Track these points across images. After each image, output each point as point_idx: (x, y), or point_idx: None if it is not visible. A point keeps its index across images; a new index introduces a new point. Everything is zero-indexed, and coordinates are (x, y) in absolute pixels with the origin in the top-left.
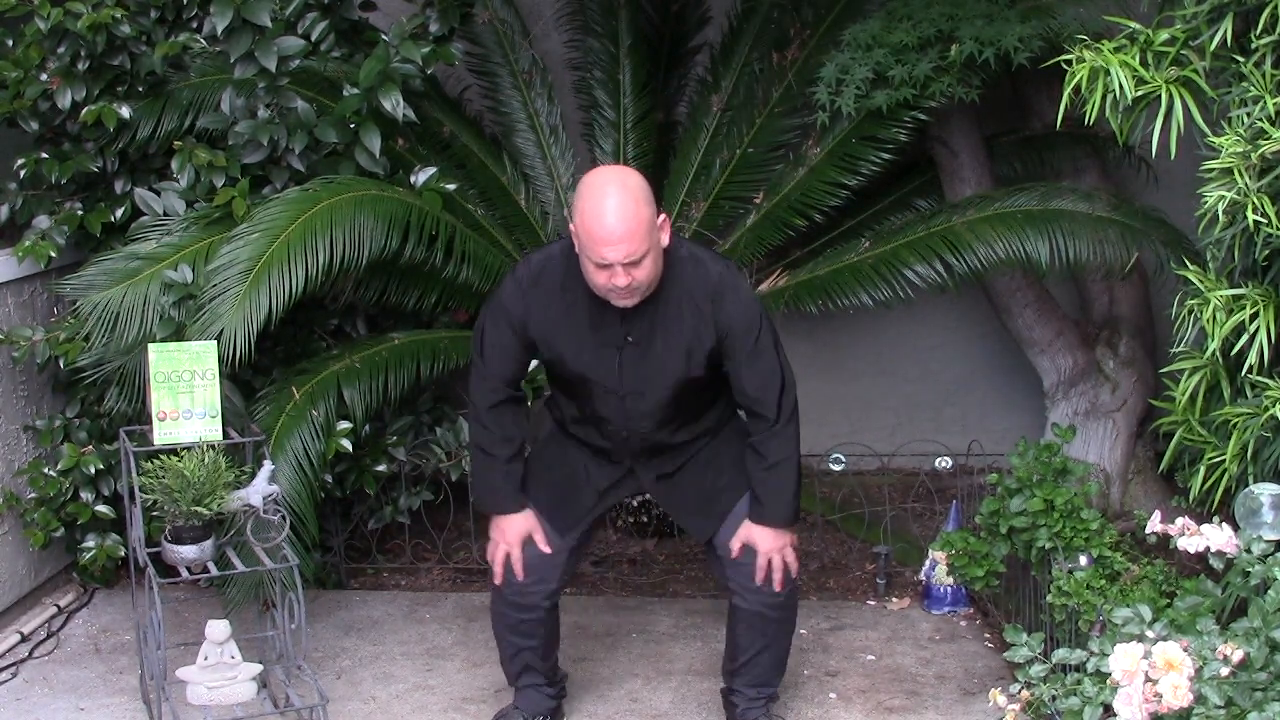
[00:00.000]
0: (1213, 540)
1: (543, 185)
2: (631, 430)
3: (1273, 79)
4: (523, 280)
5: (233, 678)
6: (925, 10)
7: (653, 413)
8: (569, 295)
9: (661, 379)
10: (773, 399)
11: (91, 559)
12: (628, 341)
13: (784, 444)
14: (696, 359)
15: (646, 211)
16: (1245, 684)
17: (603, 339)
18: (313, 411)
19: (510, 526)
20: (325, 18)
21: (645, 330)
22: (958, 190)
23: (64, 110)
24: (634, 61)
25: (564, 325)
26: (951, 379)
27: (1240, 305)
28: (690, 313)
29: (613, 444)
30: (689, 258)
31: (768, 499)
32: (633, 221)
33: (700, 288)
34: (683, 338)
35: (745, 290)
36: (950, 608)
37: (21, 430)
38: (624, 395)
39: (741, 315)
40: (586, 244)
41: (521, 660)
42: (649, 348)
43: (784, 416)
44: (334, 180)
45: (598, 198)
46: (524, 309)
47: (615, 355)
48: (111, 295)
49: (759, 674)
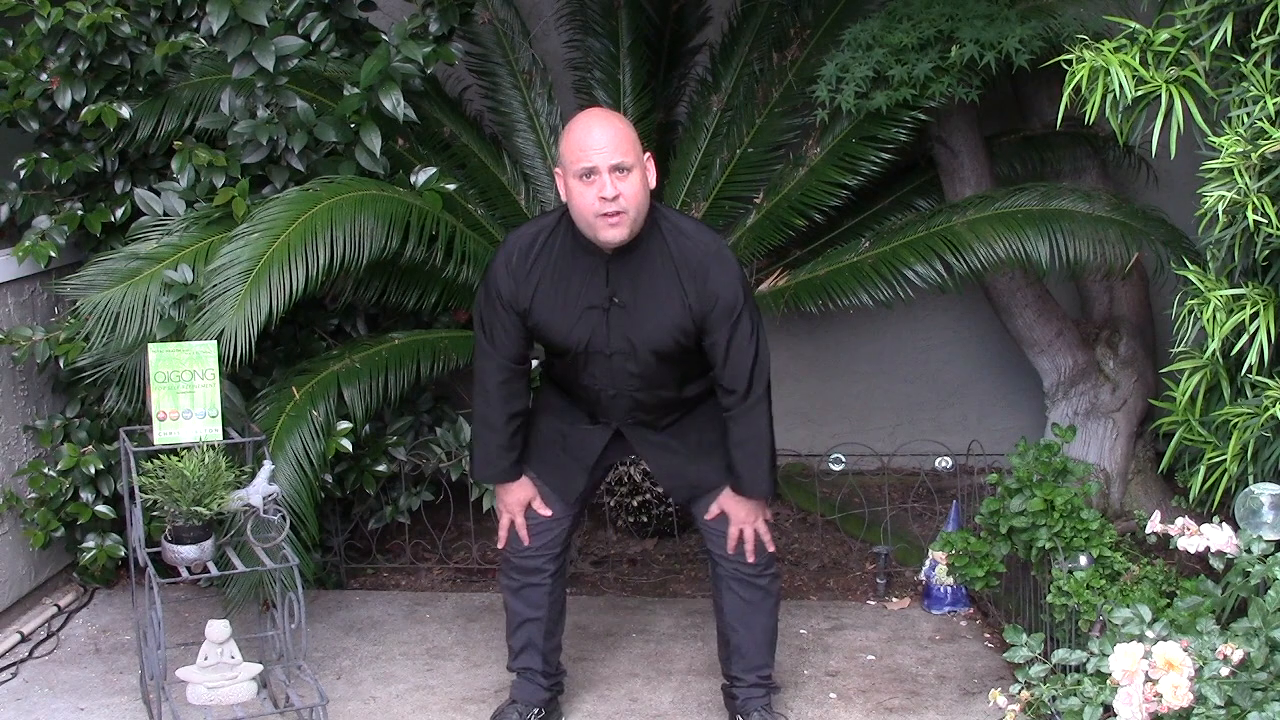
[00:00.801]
0: (1213, 540)
1: (543, 185)
2: (620, 389)
3: (1273, 79)
4: (512, 253)
5: (233, 678)
6: (925, 10)
7: (641, 373)
8: (556, 260)
9: (646, 341)
10: (744, 374)
11: (91, 559)
12: (614, 303)
13: (756, 419)
14: (683, 324)
15: (631, 131)
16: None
17: (589, 300)
18: (313, 411)
19: (510, 496)
20: (325, 17)
21: (629, 292)
22: (958, 190)
23: (64, 110)
24: (634, 61)
25: (551, 290)
26: (951, 379)
27: (1240, 305)
28: (677, 278)
29: (600, 405)
30: (675, 227)
31: (743, 472)
32: (619, 126)
33: (689, 256)
34: (668, 303)
35: (731, 262)
36: (950, 608)
37: (21, 430)
38: (611, 354)
39: (728, 288)
40: (571, 158)
41: (525, 634)
42: (635, 309)
43: (755, 392)
44: (334, 180)
45: (581, 118)
46: (512, 282)
47: (603, 317)
48: (111, 295)
49: (750, 656)
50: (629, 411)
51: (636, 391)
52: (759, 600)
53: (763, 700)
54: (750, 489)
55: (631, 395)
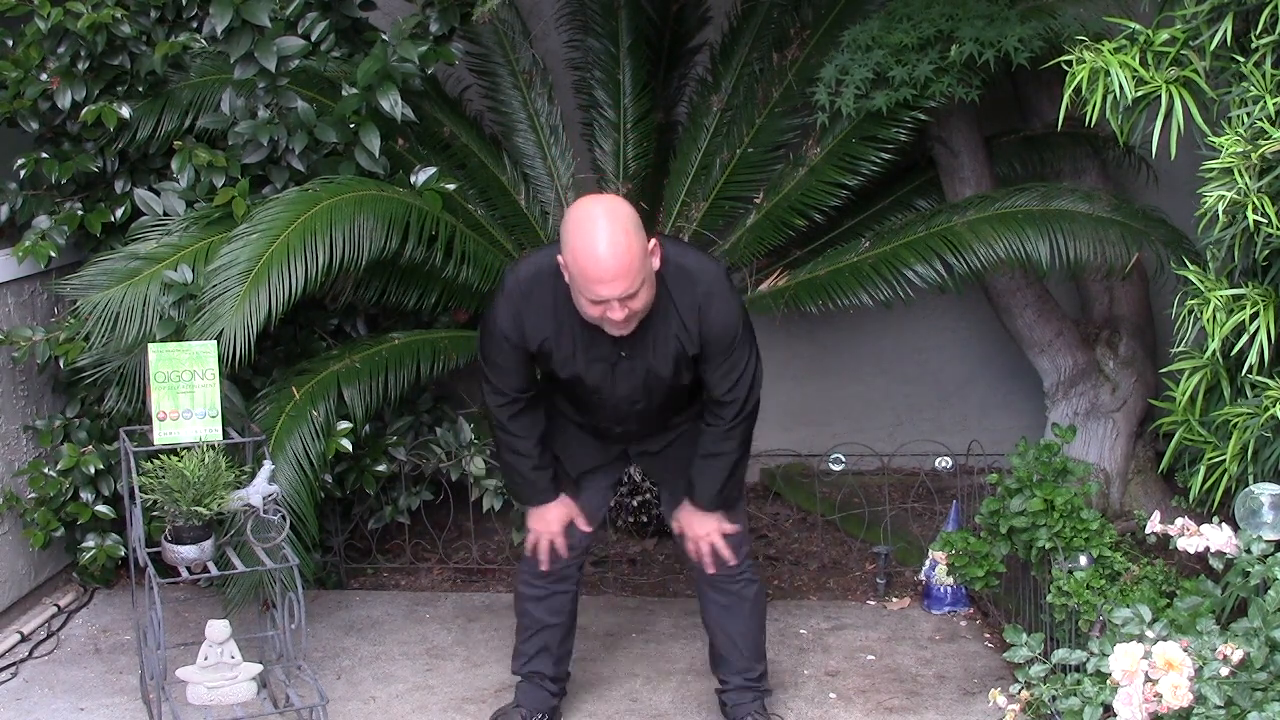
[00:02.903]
0: (1213, 540)
1: (543, 185)
2: (624, 425)
3: (1273, 79)
4: (513, 296)
5: (233, 678)
6: (925, 11)
7: (644, 412)
8: (560, 316)
9: (654, 386)
10: (738, 400)
11: (91, 559)
12: (621, 357)
13: (730, 440)
14: (685, 365)
15: (639, 244)
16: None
17: (596, 355)
18: (313, 411)
19: (553, 515)
20: (325, 17)
21: (638, 345)
22: (958, 190)
23: (64, 110)
24: (634, 61)
25: (556, 341)
26: (951, 379)
27: (1240, 305)
28: (679, 324)
29: (605, 430)
30: (677, 270)
31: (697, 482)
32: (626, 257)
33: (687, 298)
34: (673, 348)
35: (729, 295)
36: (950, 608)
37: (21, 430)
38: (617, 400)
39: (722, 321)
40: (581, 283)
41: (541, 639)
42: (642, 360)
43: (742, 416)
44: (334, 180)
45: (588, 234)
46: (518, 326)
47: (609, 370)
48: (111, 295)
49: (733, 659)
50: (633, 436)
51: (640, 422)
52: (735, 604)
53: (754, 704)
54: (700, 496)
55: (635, 426)
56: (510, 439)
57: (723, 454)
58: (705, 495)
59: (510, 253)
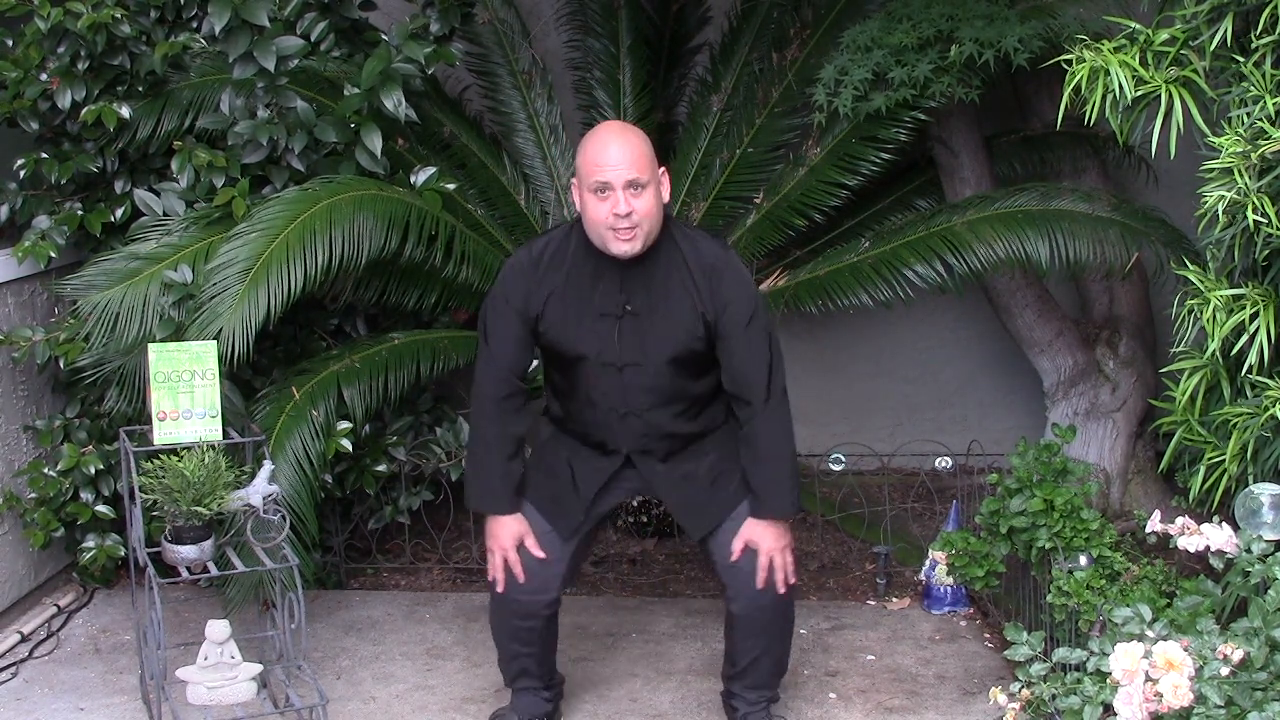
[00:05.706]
0: (1213, 540)
1: (543, 185)
2: (630, 408)
3: (1273, 79)
4: (522, 261)
5: (233, 678)
6: (925, 11)
7: (651, 388)
8: (569, 268)
9: (659, 350)
10: (761, 381)
11: (91, 559)
12: (626, 310)
13: (774, 429)
14: (695, 332)
15: (647, 147)
16: (1245, 684)
17: (602, 308)
18: (313, 411)
19: (503, 530)
20: (325, 17)
21: (643, 299)
22: (958, 190)
23: (64, 110)
24: (634, 61)
25: (563, 297)
26: (951, 379)
27: (1240, 305)
28: (689, 286)
29: (611, 429)
30: (686, 236)
31: (764, 491)
32: (633, 148)
33: (699, 263)
34: (681, 310)
35: (743, 271)
36: (950, 608)
37: (21, 430)
38: (622, 367)
39: (739, 294)
40: (587, 173)
41: (519, 664)
42: (647, 317)
43: (773, 398)
44: (334, 180)
45: (599, 132)
46: (524, 290)
47: (614, 325)
48: (111, 295)
49: (758, 678)
50: (640, 436)
51: (647, 411)
52: (777, 626)
53: (763, 712)
54: (774, 508)
55: (642, 416)
56: (489, 430)
57: (773, 450)
58: (778, 496)
59: (510, 253)
